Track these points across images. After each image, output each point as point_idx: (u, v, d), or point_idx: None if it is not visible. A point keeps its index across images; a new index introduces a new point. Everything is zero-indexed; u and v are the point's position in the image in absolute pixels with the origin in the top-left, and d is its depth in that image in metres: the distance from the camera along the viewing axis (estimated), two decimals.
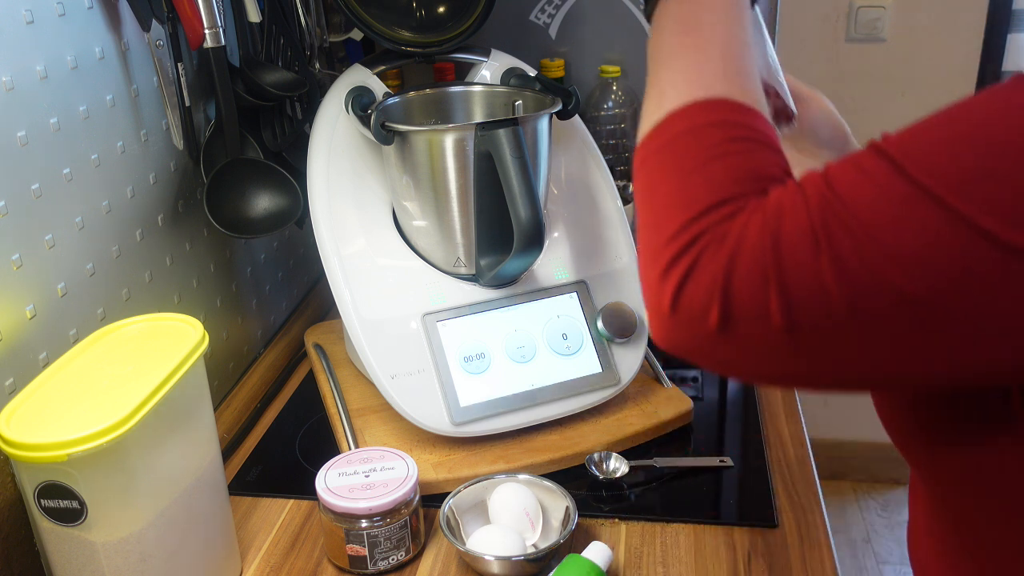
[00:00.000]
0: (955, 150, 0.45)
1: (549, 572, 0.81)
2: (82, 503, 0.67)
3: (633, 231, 1.06)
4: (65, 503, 0.67)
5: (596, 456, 0.96)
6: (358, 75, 1.05)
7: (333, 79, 1.07)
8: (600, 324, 1.00)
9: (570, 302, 1.02)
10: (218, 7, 0.97)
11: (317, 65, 1.23)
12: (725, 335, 0.49)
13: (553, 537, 0.86)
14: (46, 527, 0.69)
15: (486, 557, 0.81)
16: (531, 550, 0.83)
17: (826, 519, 0.90)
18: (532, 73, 1.07)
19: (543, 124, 0.96)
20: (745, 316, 0.48)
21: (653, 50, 0.61)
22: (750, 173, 0.52)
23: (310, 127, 1.05)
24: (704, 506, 0.93)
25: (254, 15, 1.08)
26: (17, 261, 0.78)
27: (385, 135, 0.93)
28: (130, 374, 0.72)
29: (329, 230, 0.98)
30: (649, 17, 0.63)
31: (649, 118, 0.58)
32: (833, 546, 0.86)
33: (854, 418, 2.29)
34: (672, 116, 0.56)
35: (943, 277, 0.44)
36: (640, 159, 0.58)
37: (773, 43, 0.85)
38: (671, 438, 1.03)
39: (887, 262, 0.45)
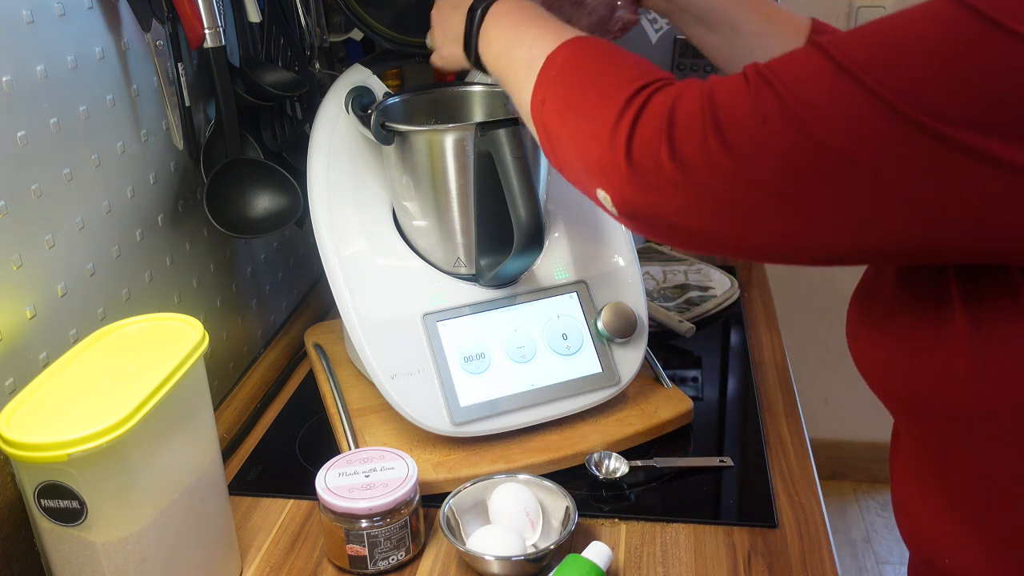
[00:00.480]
0: (873, 41, 0.52)
1: (549, 572, 0.81)
2: (82, 503, 0.67)
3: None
4: (65, 503, 0.67)
5: (596, 456, 0.96)
6: (358, 75, 1.05)
7: (333, 79, 1.07)
8: (600, 324, 1.00)
9: (570, 302, 1.02)
10: (218, 7, 0.97)
11: (317, 65, 1.23)
12: (680, 182, 0.55)
13: (553, 537, 0.86)
14: (46, 527, 0.69)
15: (486, 557, 0.81)
16: (531, 550, 0.83)
17: (826, 519, 0.90)
18: None
19: None
20: (690, 152, 0.55)
21: (495, 56, 0.73)
22: (657, 67, 0.61)
23: (310, 127, 1.05)
24: (704, 506, 0.93)
25: (254, 15, 1.08)
26: (17, 261, 0.78)
27: (385, 135, 0.93)
28: (130, 374, 0.72)
29: (329, 230, 0.98)
30: (478, 61, 0.76)
31: (527, 77, 0.66)
32: (833, 546, 0.86)
33: (854, 418, 2.29)
34: (552, 54, 0.65)
35: (854, 135, 0.50)
36: (539, 99, 0.65)
37: None
38: (671, 438, 1.03)
39: (803, 109, 0.51)
